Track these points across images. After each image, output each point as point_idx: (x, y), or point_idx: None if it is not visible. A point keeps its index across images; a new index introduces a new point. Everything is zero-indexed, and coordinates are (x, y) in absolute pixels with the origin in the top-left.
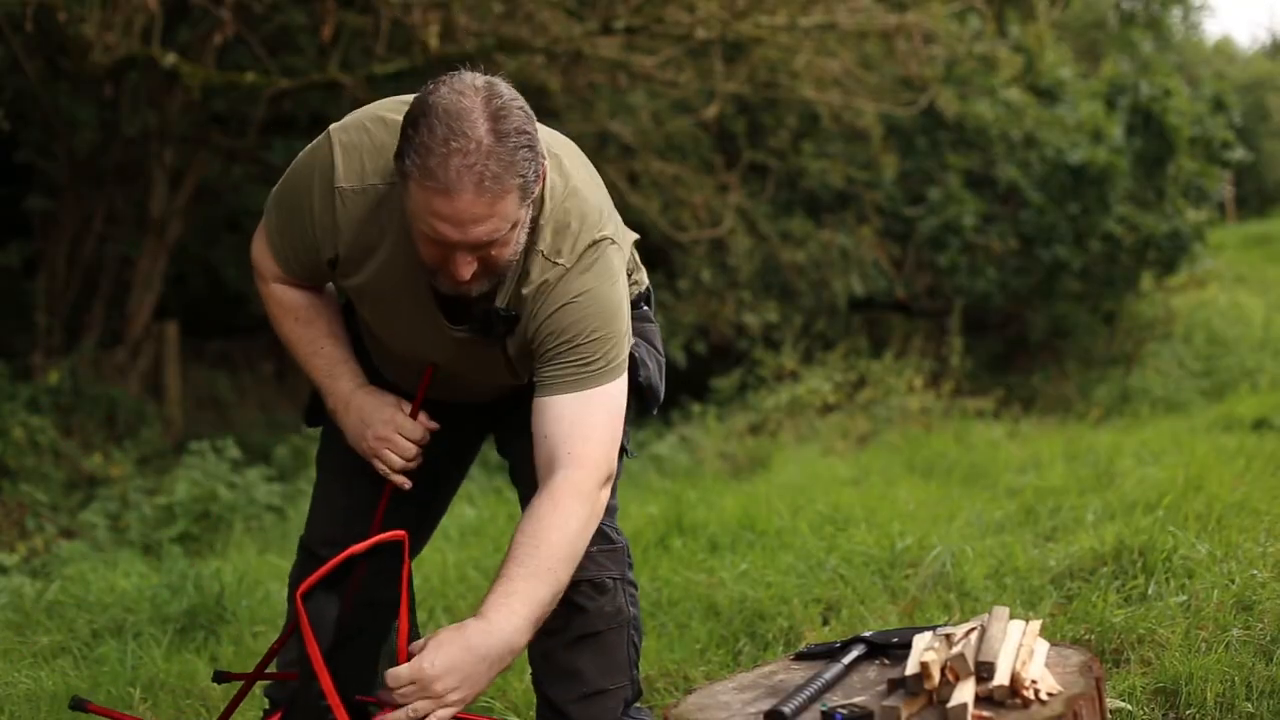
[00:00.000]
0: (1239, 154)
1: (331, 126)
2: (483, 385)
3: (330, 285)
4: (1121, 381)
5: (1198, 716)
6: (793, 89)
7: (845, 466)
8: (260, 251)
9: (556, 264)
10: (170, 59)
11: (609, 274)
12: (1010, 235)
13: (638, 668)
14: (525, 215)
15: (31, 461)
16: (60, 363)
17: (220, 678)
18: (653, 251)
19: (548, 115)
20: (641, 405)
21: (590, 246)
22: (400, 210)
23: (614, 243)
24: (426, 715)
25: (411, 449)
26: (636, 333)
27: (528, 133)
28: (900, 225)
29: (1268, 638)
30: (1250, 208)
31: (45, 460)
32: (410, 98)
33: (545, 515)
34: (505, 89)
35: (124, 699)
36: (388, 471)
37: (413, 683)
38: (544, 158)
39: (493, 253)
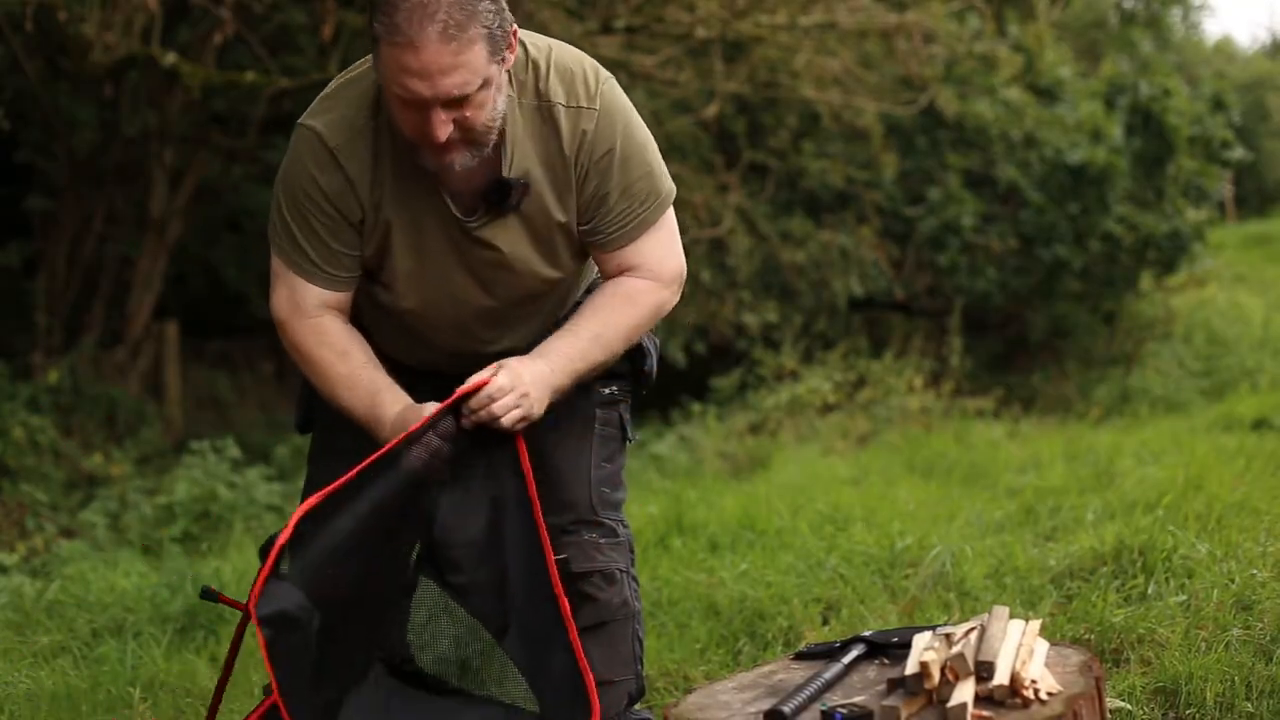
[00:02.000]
0: (1238, 154)
1: (297, 121)
2: (501, 327)
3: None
4: (1121, 381)
5: (1198, 716)
6: (793, 89)
7: (845, 466)
8: (285, 292)
9: (584, 109)
10: (170, 59)
11: (629, 107)
12: (1010, 235)
13: (642, 663)
14: (498, 75)
15: (31, 461)
16: (60, 362)
17: None
18: None
19: None
20: (640, 389)
21: (605, 84)
22: (388, 124)
23: (613, 83)
24: (516, 414)
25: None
26: None
27: None
28: (900, 225)
29: (1268, 637)
30: (1250, 207)
31: (45, 460)
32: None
33: (613, 296)
34: None
35: (124, 699)
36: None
37: (510, 388)
38: (512, 20)
39: (468, 114)
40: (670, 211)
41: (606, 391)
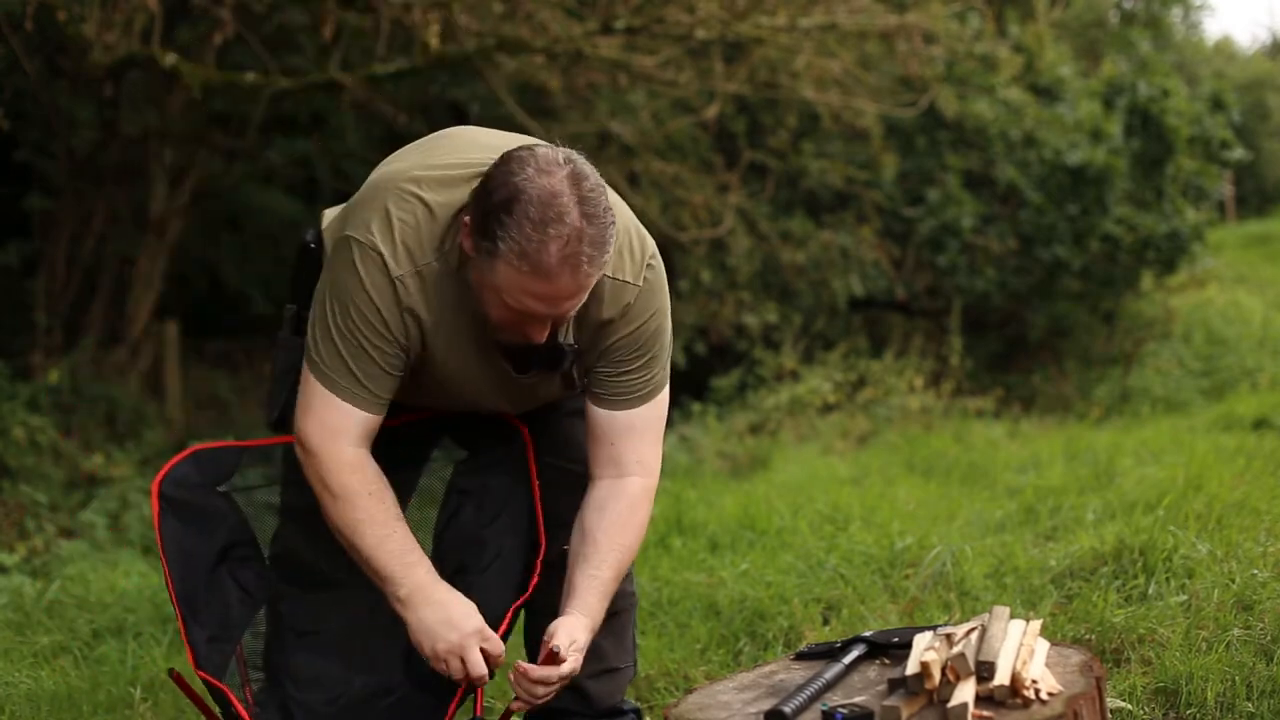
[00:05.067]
0: (1238, 153)
1: (345, 234)
2: (517, 407)
3: None
4: (1121, 381)
5: (1198, 716)
6: (793, 89)
7: (845, 466)
8: (322, 415)
9: (628, 284)
10: (170, 59)
11: (665, 291)
12: (1009, 235)
13: (636, 649)
14: None
15: (31, 461)
16: (60, 362)
17: None
18: None
19: (547, 115)
20: None
21: (649, 264)
22: (460, 281)
23: (658, 258)
24: (545, 693)
25: (483, 670)
26: None
27: (610, 208)
28: (900, 225)
29: (1268, 637)
30: (1250, 207)
31: (45, 460)
32: (424, 193)
33: (626, 519)
34: (585, 165)
35: (124, 699)
36: (446, 671)
37: (561, 678)
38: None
39: (566, 313)
40: (665, 401)
41: None
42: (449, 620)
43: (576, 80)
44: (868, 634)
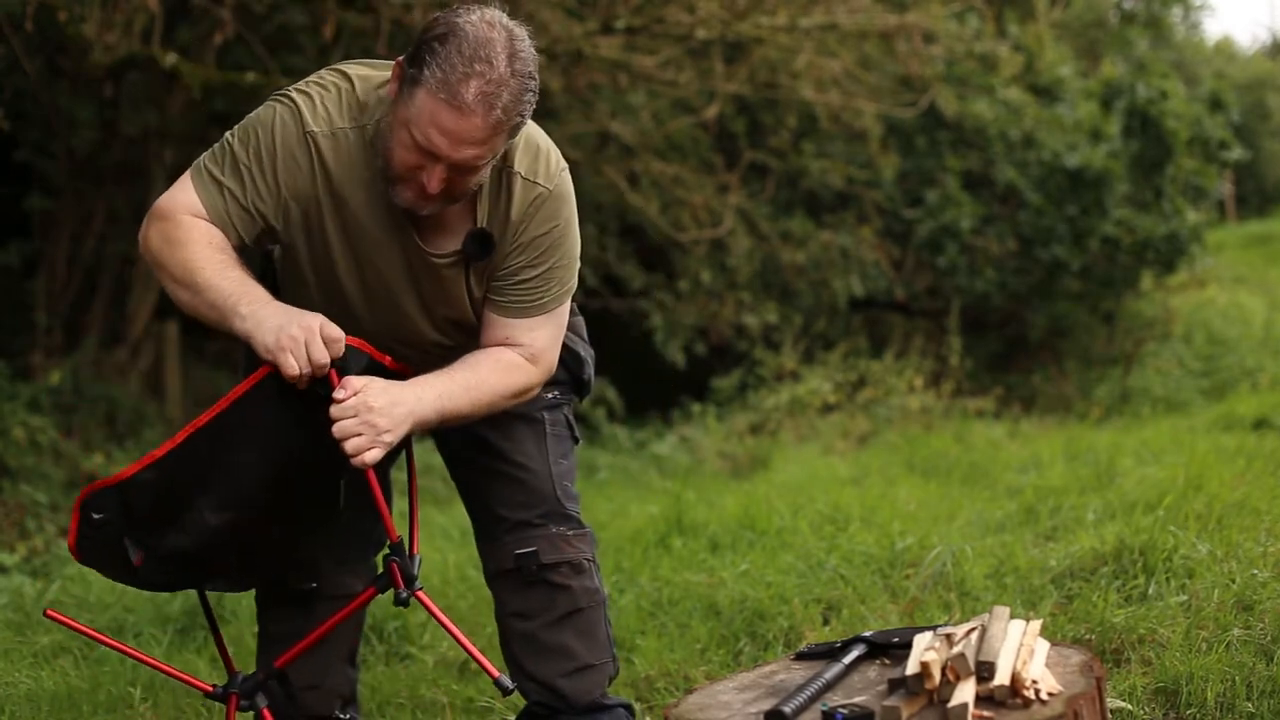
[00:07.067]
0: (1236, 154)
1: (277, 92)
2: (417, 346)
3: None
4: (1121, 381)
5: (1198, 716)
6: (793, 89)
7: (845, 466)
8: (177, 197)
9: (538, 185)
10: (170, 59)
11: (573, 206)
12: (1009, 236)
13: (615, 646)
14: (501, 152)
15: (31, 461)
16: (61, 362)
17: None
18: (653, 252)
19: (548, 115)
20: (579, 395)
21: (564, 171)
22: (375, 156)
23: (569, 177)
24: (360, 440)
25: (324, 354)
26: (573, 329)
27: (535, 79)
28: (900, 225)
29: (1268, 637)
30: (1250, 207)
31: (45, 460)
32: (349, 68)
33: (495, 359)
34: (523, 33)
35: (124, 699)
36: (294, 368)
37: (355, 411)
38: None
39: (464, 177)
40: (567, 306)
41: (549, 396)
42: (289, 316)
43: (577, 80)
44: (868, 634)
